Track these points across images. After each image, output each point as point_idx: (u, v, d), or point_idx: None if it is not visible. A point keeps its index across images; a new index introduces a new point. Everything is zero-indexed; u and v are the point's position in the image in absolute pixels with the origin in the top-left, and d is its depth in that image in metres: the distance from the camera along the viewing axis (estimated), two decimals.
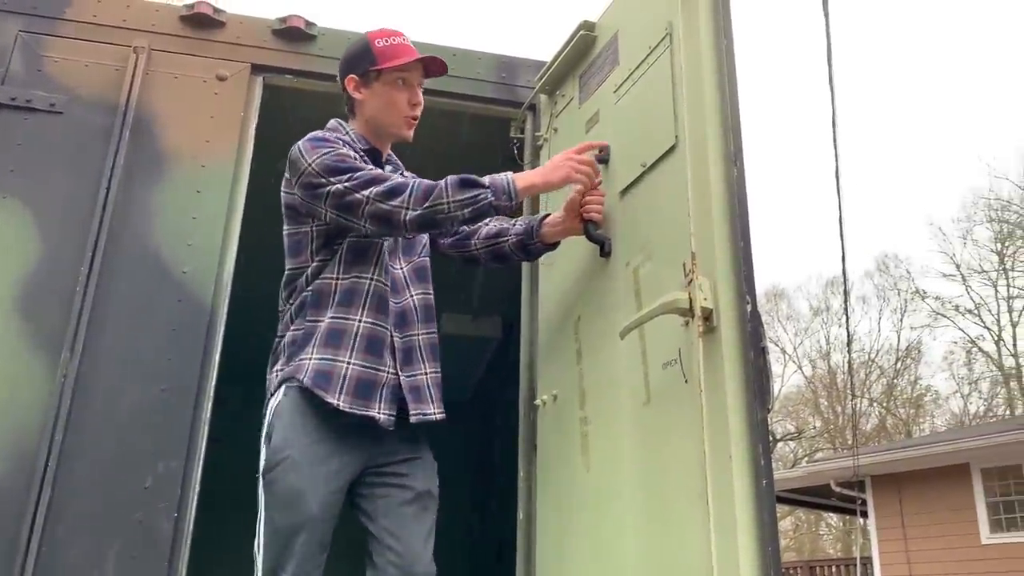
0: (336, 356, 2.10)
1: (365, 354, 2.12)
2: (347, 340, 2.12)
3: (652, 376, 2.07)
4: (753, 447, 1.75)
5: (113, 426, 2.49)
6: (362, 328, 2.14)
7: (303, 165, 2.15)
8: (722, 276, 1.88)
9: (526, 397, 2.77)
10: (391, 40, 2.31)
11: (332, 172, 2.12)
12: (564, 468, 2.43)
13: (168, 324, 2.63)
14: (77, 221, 2.67)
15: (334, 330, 2.12)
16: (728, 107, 2.02)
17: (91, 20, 2.94)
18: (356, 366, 2.10)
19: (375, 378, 2.12)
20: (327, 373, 2.08)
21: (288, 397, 2.09)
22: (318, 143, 2.19)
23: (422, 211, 2.06)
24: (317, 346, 2.11)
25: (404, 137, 2.35)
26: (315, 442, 2.04)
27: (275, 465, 2.03)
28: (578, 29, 2.72)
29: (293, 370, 2.10)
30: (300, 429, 2.05)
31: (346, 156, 2.16)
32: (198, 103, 2.90)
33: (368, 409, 2.09)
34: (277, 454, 2.03)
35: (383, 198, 2.07)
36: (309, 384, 2.06)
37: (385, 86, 2.30)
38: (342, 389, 2.07)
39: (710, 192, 1.95)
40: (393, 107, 2.31)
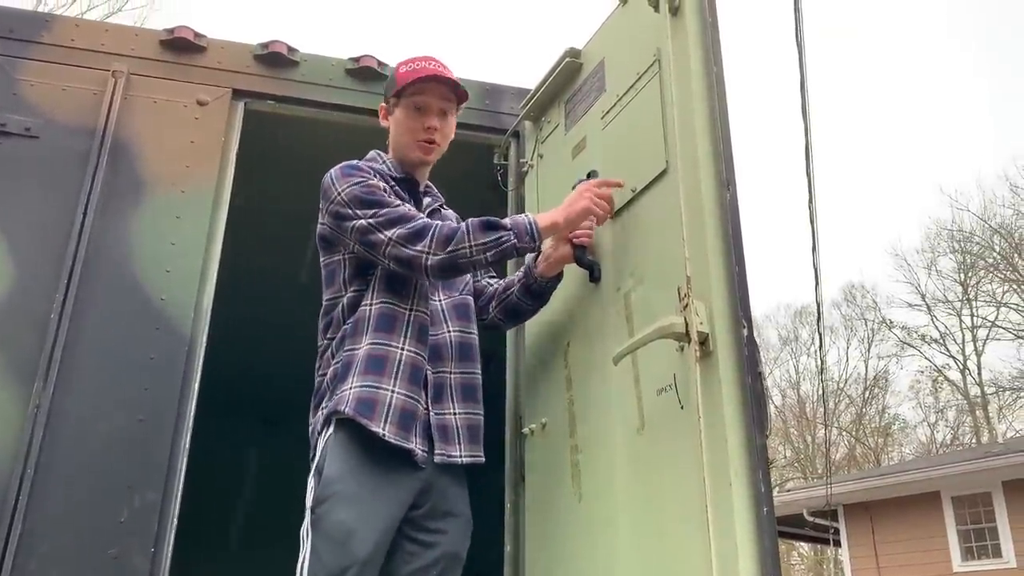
0: (379, 383, 2.04)
1: (408, 383, 2.07)
2: (390, 367, 2.06)
3: (646, 402, 2.04)
4: (753, 474, 1.72)
5: (87, 458, 2.41)
6: (405, 356, 2.09)
7: (333, 193, 2.13)
8: (718, 300, 1.86)
9: (512, 425, 2.73)
10: (415, 65, 2.29)
11: (360, 204, 2.09)
12: (554, 498, 2.39)
13: (145, 352, 2.56)
14: (52, 247, 2.60)
15: (375, 356, 2.06)
16: (720, 132, 2.02)
17: (69, 44, 2.90)
18: (400, 395, 2.05)
19: (415, 410, 2.08)
20: (370, 401, 2.01)
21: (337, 432, 2.02)
22: (350, 172, 2.16)
23: (444, 256, 2.03)
24: (358, 374, 2.04)
25: (418, 160, 2.32)
26: (367, 477, 1.98)
27: (325, 499, 1.95)
28: (564, 56, 2.72)
29: (336, 402, 2.03)
30: (351, 463, 1.99)
31: (376, 188, 2.13)
32: (178, 128, 2.86)
33: (407, 441, 2.03)
34: (328, 488, 1.96)
35: (405, 241, 2.03)
36: (351, 413, 1.99)
37: (402, 111, 2.29)
38: (386, 419, 2.01)
39: (704, 216, 1.93)
40: (407, 132, 2.29)
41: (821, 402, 29.11)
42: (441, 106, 2.30)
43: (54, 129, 2.76)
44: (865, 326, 30.68)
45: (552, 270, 2.38)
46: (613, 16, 2.56)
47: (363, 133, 3.09)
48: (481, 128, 3.18)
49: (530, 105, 2.92)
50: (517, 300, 2.41)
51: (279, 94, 3.03)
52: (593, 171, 2.48)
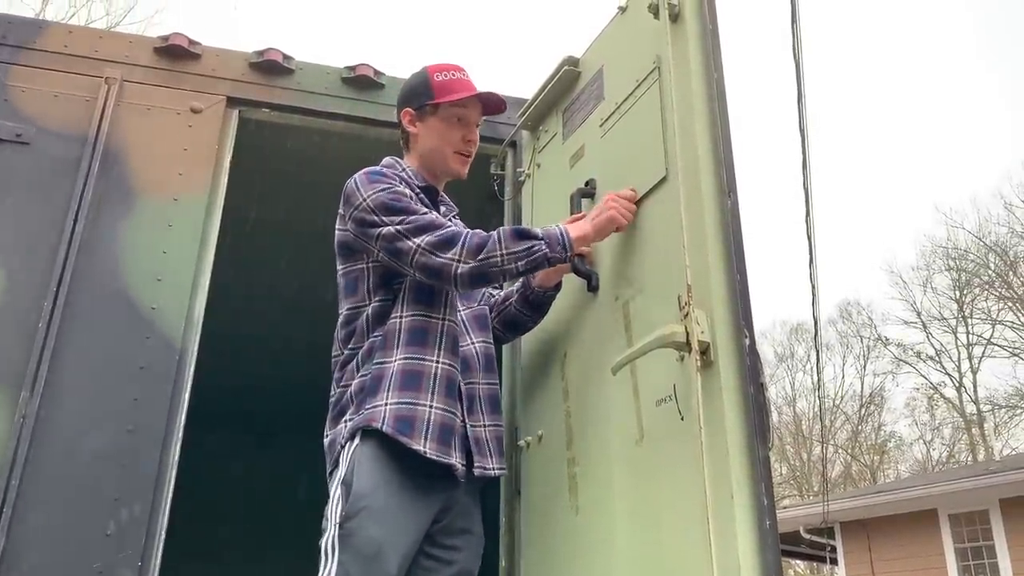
0: (417, 400, 1.99)
1: (445, 397, 2.03)
2: (426, 382, 2.02)
3: (645, 414, 2.00)
4: (756, 486, 1.68)
5: (74, 469, 2.36)
6: (440, 370, 2.04)
7: (358, 199, 2.08)
8: (719, 309, 1.83)
9: (509, 438, 2.67)
10: (451, 75, 2.26)
11: (387, 211, 2.04)
12: (550, 513, 2.34)
13: (135, 362, 2.51)
14: (42, 255, 2.56)
15: (410, 371, 2.01)
16: (721, 138, 1.99)
17: (62, 50, 2.86)
18: (438, 410, 2.01)
19: (453, 423, 2.04)
20: (408, 418, 1.97)
21: (367, 445, 1.96)
22: (375, 178, 2.11)
23: (474, 265, 1.98)
24: (393, 390, 1.99)
25: (458, 174, 2.30)
26: (397, 492, 1.93)
27: (356, 513, 1.88)
28: (562, 64, 2.69)
29: (368, 417, 1.97)
30: (381, 477, 1.93)
31: (402, 195, 2.08)
32: (171, 135, 2.83)
33: (448, 457, 1.99)
34: (358, 502, 1.90)
35: (434, 249, 1.98)
36: (390, 432, 1.94)
37: (441, 121, 2.25)
38: (427, 436, 1.97)
39: (705, 224, 1.90)
40: (446, 143, 2.25)
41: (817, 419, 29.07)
42: (477, 119, 2.31)
43: (45, 136, 2.72)
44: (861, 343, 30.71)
45: (551, 280, 2.34)
46: (612, 24, 2.54)
47: (359, 142, 3.07)
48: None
49: (527, 114, 2.89)
50: (516, 311, 2.38)
51: (274, 102, 3.00)
52: (591, 180, 2.45)
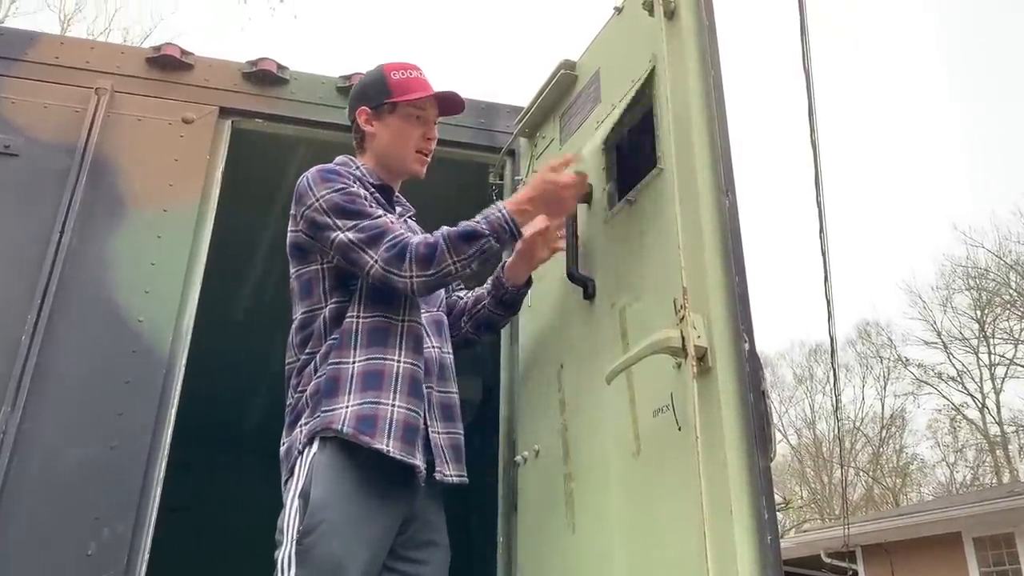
0: (379, 398, 1.90)
1: (408, 396, 1.94)
2: (388, 381, 1.93)
3: (642, 425, 1.91)
4: (756, 499, 1.58)
5: (55, 486, 2.29)
6: (402, 368, 1.96)
7: (310, 199, 2.01)
8: (716, 313, 1.74)
9: (506, 454, 2.59)
10: (408, 73, 2.21)
11: (340, 213, 1.97)
12: (547, 530, 2.24)
13: (121, 376, 2.44)
14: (27, 266, 2.50)
15: (371, 371, 1.93)
16: (718, 137, 1.91)
17: (53, 62, 2.83)
18: (401, 408, 1.91)
19: (417, 424, 1.94)
20: (370, 417, 1.87)
21: (325, 451, 1.86)
22: (328, 176, 2.04)
23: (427, 278, 1.92)
24: (354, 392, 1.90)
25: (416, 173, 2.23)
26: (358, 503, 1.83)
27: (314, 528, 1.77)
28: (558, 69, 2.63)
29: (326, 421, 1.87)
30: (341, 487, 1.83)
31: (356, 196, 2.01)
32: (162, 146, 2.77)
33: (412, 457, 1.90)
34: (317, 514, 1.79)
35: (388, 266, 1.91)
36: (351, 433, 1.85)
37: (399, 120, 2.19)
38: (390, 434, 1.87)
39: (701, 224, 1.81)
40: (406, 142, 2.19)
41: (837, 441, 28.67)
42: (435, 119, 2.25)
43: (34, 147, 2.67)
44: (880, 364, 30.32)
45: (521, 278, 2.29)
46: (608, 25, 2.47)
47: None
48: (476, 147, 3.09)
49: (524, 121, 2.82)
50: (490, 312, 2.32)
51: (268, 112, 2.95)
52: (588, 184, 2.37)
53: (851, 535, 12.72)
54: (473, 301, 2.34)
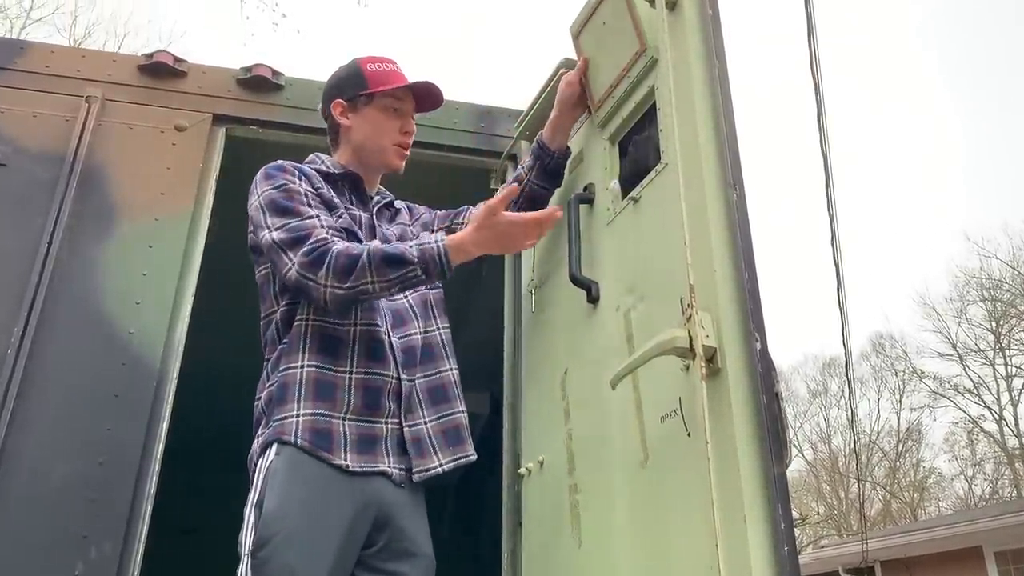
0: (331, 411, 1.83)
1: (363, 408, 1.86)
2: (341, 394, 1.85)
3: (649, 431, 1.81)
4: (771, 508, 1.48)
5: (41, 504, 2.20)
6: (355, 380, 1.87)
7: (254, 197, 1.97)
8: (726, 311, 1.64)
9: (510, 467, 2.49)
10: (383, 66, 2.15)
11: (274, 210, 1.90)
12: (552, 544, 2.14)
13: (110, 390, 2.36)
14: (14, 278, 2.43)
15: (322, 382, 1.85)
16: (725, 129, 1.82)
17: (43, 70, 2.77)
18: (352, 422, 1.84)
19: (376, 433, 1.86)
20: (325, 431, 1.80)
21: (281, 456, 1.77)
22: (271, 174, 1.99)
23: (343, 291, 1.80)
24: (304, 399, 1.82)
25: (394, 167, 2.16)
26: (315, 511, 1.73)
27: (268, 540, 1.68)
28: (558, 68, 2.54)
29: (278, 430, 1.80)
30: (294, 496, 1.74)
31: (294, 193, 1.93)
32: (154, 154, 2.71)
33: (377, 464, 1.82)
34: (270, 526, 1.69)
35: (303, 269, 1.81)
36: (306, 445, 1.77)
37: (376, 111, 2.12)
38: (346, 448, 1.80)
39: (708, 219, 1.72)
40: (383, 134, 2.12)
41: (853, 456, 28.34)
42: (412, 112, 2.18)
43: (23, 157, 2.61)
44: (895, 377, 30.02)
45: (561, 142, 2.33)
46: None
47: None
48: (477, 151, 3.02)
49: (525, 124, 2.74)
50: (534, 187, 2.33)
51: (263, 119, 2.88)
52: (589, 184, 2.29)
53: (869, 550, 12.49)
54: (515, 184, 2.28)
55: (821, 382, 31.87)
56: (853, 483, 28.04)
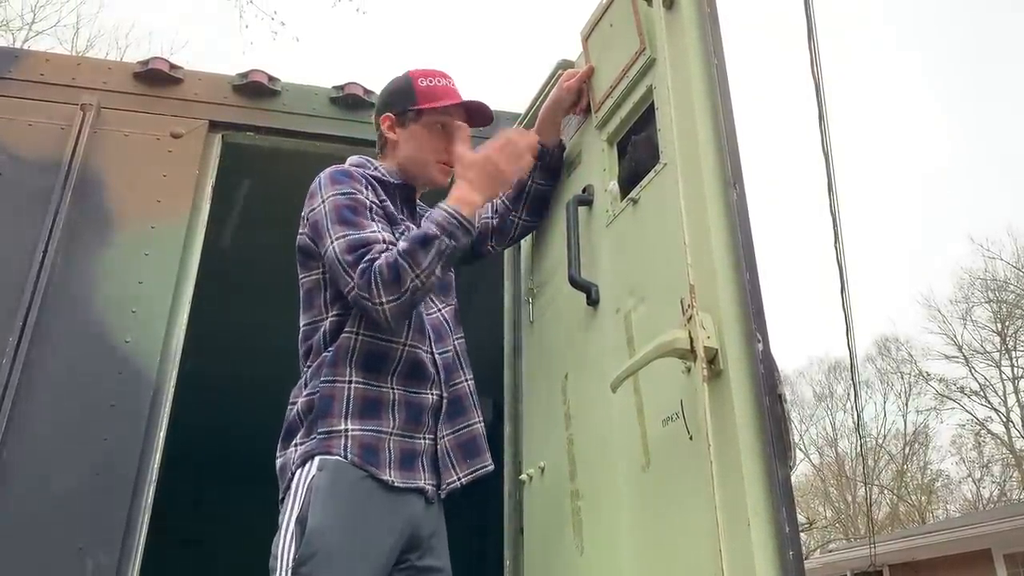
0: (380, 427, 1.81)
1: (405, 423, 1.85)
2: (386, 409, 1.84)
3: (651, 435, 1.78)
4: (775, 511, 1.44)
5: (37, 515, 2.18)
6: (398, 396, 1.86)
7: (317, 200, 1.91)
8: (727, 312, 1.61)
9: (511, 473, 2.46)
10: (435, 81, 2.11)
11: (337, 219, 1.85)
12: (554, 552, 2.11)
13: (106, 399, 2.34)
14: (10, 287, 2.41)
15: (368, 399, 1.83)
16: (724, 128, 1.80)
17: (38, 79, 2.76)
18: (397, 437, 1.83)
19: (416, 448, 1.86)
20: (373, 448, 1.78)
21: (326, 472, 1.74)
22: (339, 179, 1.93)
23: (397, 302, 1.76)
24: (352, 415, 1.80)
25: (437, 183, 2.11)
26: (356, 530, 1.71)
27: (311, 557, 1.64)
28: (556, 69, 2.52)
29: (324, 444, 1.76)
30: (338, 513, 1.71)
31: (360, 205, 1.88)
32: (149, 161, 2.69)
33: (416, 480, 1.82)
34: (314, 542, 1.66)
35: (361, 291, 1.76)
36: (357, 460, 1.75)
37: (424, 129, 2.08)
38: (391, 464, 1.79)
39: (708, 218, 1.69)
40: (429, 151, 2.08)
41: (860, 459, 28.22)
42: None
43: (18, 165, 2.60)
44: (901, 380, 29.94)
45: (552, 137, 2.36)
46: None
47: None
48: None
49: (524, 124, 2.72)
50: (539, 187, 2.35)
51: (259, 125, 2.87)
52: (588, 186, 2.27)
53: (877, 554, 12.42)
54: (515, 191, 2.34)
55: (826, 386, 31.83)
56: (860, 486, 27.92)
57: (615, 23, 2.22)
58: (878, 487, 28.60)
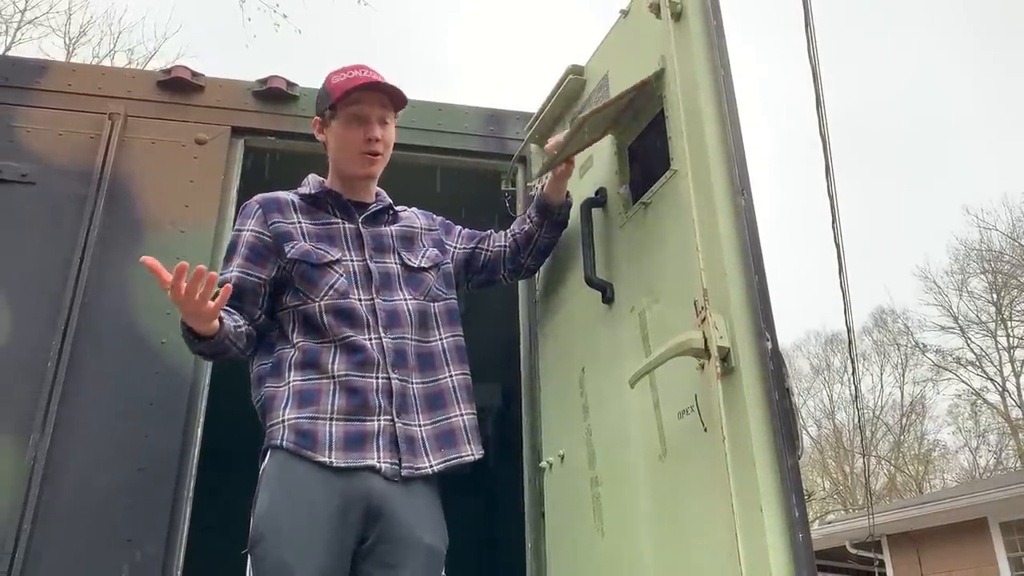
0: (316, 415, 1.93)
1: (349, 407, 1.95)
2: (325, 396, 1.96)
3: (667, 427, 1.91)
4: (786, 497, 1.58)
5: (86, 510, 2.31)
6: (339, 383, 1.97)
7: None
8: (737, 313, 1.74)
9: (531, 461, 2.60)
10: (349, 74, 2.16)
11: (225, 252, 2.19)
12: (575, 535, 2.25)
13: (145, 398, 2.46)
14: (49, 293, 2.53)
15: (307, 391, 1.96)
16: (731, 137, 1.91)
17: (65, 89, 2.86)
18: (340, 420, 1.94)
19: (363, 428, 1.94)
20: (309, 432, 1.91)
21: (271, 460, 1.92)
22: (242, 211, 2.20)
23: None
24: (290, 407, 1.94)
25: (363, 174, 2.20)
26: (299, 508, 1.84)
27: (260, 538, 1.82)
28: (566, 74, 2.63)
29: (269, 436, 1.95)
30: (279, 495, 1.86)
31: (235, 243, 2.14)
32: (176, 168, 2.80)
33: (363, 460, 1.91)
34: (260, 525, 1.84)
35: None
36: (291, 447, 1.90)
37: (340, 124, 2.17)
38: (330, 445, 1.90)
39: (718, 225, 1.82)
40: (348, 145, 2.16)
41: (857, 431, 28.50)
42: (380, 114, 2.16)
43: (50, 174, 2.70)
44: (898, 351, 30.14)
45: (559, 198, 2.38)
46: (614, 29, 2.48)
47: None
48: (487, 155, 3.09)
49: (535, 127, 2.83)
50: (547, 239, 2.41)
51: (279, 129, 2.97)
52: (601, 189, 2.38)
53: (876, 524, 12.63)
54: (525, 239, 2.40)
55: (824, 358, 32.03)
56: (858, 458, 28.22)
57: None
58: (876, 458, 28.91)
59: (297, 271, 2.07)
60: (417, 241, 2.25)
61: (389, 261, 2.16)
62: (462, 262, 2.35)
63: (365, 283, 2.10)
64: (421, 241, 2.27)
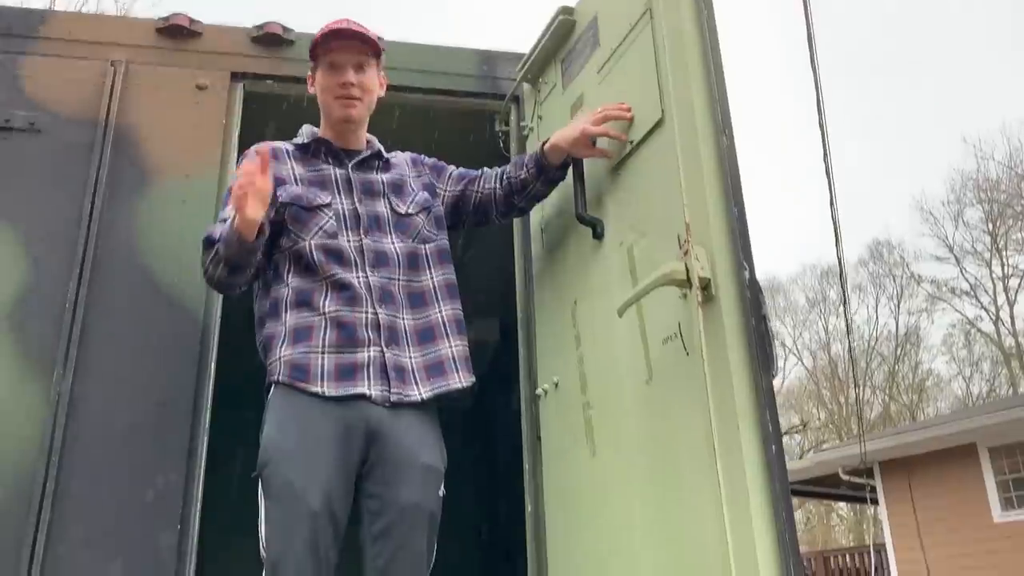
0: (309, 349, 2.09)
1: (339, 340, 2.10)
2: (316, 332, 2.11)
3: (652, 353, 2.04)
4: (760, 414, 1.72)
5: (111, 442, 2.45)
6: (329, 319, 2.11)
7: None
8: (718, 245, 1.86)
9: (527, 389, 2.74)
10: (327, 27, 2.31)
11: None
12: (569, 456, 2.40)
13: (160, 336, 2.59)
14: (63, 238, 2.63)
15: (300, 328, 2.12)
16: (714, 78, 2.01)
17: (66, 37, 2.91)
18: (332, 353, 2.09)
19: (353, 360, 2.09)
20: (303, 366, 2.07)
21: (273, 394, 2.10)
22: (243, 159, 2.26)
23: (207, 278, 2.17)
24: (286, 344, 2.11)
25: (344, 118, 2.32)
26: (301, 431, 2.01)
27: (267, 461, 2.00)
28: (557, 14, 2.70)
29: (269, 373, 2.13)
30: (283, 421, 2.04)
31: (230, 190, 2.18)
32: (179, 114, 2.87)
33: (354, 388, 2.06)
34: (267, 449, 2.02)
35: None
36: (288, 380, 2.06)
37: (320, 73, 2.33)
38: (323, 377, 2.06)
39: (701, 162, 1.93)
40: (326, 92, 2.32)
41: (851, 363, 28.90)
42: (356, 60, 2.30)
43: (57, 122, 2.78)
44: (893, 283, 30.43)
45: (559, 159, 2.40)
46: None
47: None
48: (481, 95, 3.16)
49: (527, 67, 2.90)
50: (541, 189, 2.47)
51: (277, 74, 3.03)
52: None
53: (868, 451, 12.95)
54: (520, 186, 2.45)
55: (819, 291, 32.31)
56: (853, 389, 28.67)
57: None
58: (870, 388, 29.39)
59: (289, 213, 2.20)
60: (407, 187, 2.38)
61: (379, 206, 2.29)
62: (452, 203, 2.46)
63: (354, 225, 2.24)
64: (411, 187, 2.39)
